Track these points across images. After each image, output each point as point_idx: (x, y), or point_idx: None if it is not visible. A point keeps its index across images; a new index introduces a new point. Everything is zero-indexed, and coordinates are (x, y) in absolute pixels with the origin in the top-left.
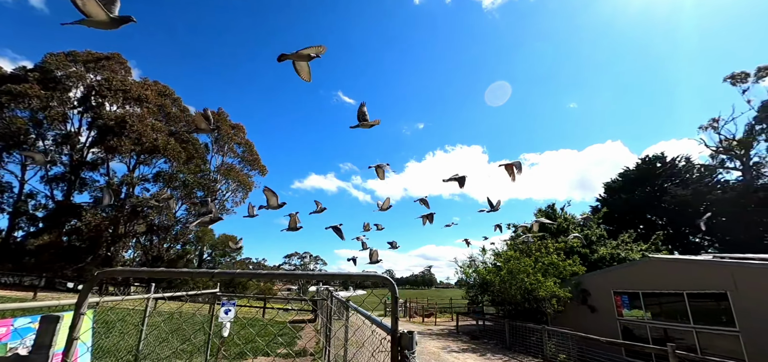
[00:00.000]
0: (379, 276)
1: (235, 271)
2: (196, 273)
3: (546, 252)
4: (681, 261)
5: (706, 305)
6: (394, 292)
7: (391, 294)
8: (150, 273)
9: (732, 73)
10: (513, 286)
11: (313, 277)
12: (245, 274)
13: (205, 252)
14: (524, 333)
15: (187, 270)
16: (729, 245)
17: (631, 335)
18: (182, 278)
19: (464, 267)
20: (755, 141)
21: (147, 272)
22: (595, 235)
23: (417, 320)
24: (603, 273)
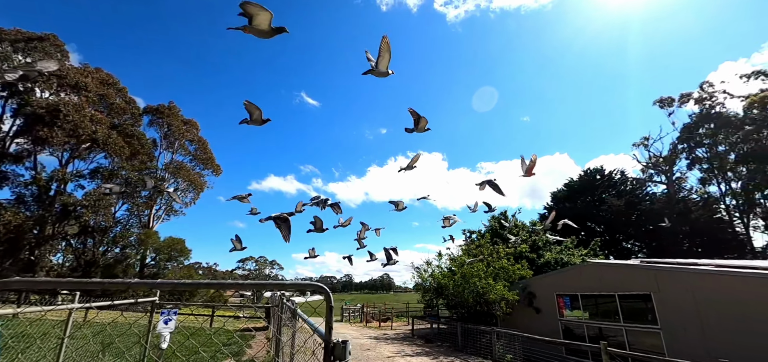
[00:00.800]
0: (315, 285)
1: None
2: (110, 284)
3: (497, 257)
4: (613, 265)
5: (634, 305)
6: (328, 300)
7: (325, 302)
8: (55, 284)
9: (660, 98)
10: (466, 290)
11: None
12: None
13: (149, 256)
14: (476, 335)
15: (98, 281)
16: (654, 251)
17: (572, 334)
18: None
19: (421, 272)
20: (678, 158)
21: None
22: (541, 241)
23: (374, 325)
24: (547, 277)
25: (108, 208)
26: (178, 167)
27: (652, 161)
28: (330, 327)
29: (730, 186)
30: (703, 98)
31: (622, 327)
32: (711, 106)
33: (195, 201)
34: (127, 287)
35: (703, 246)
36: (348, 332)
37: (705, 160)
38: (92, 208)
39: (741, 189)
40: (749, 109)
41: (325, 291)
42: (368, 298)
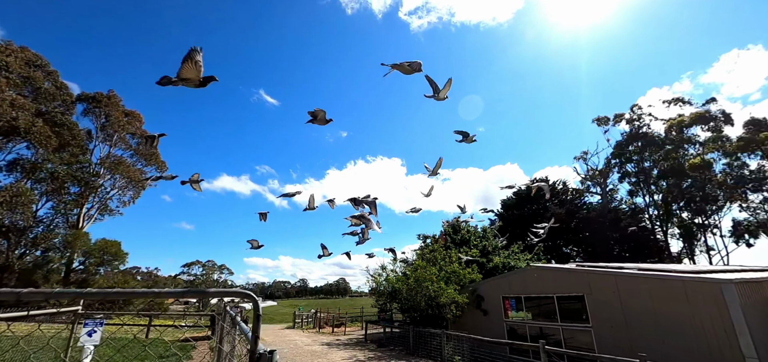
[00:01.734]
0: (241, 291)
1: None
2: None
3: (449, 261)
4: (553, 269)
5: (570, 305)
6: (256, 308)
7: (253, 310)
8: None
9: (597, 117)
10: (418, 294)
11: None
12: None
13: (77, 260)
14: (427, 337)
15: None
16: (590, 255)
17: (515, 334)
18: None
19: (375, 276)
20: (611, 172)
21: None
22: (491, 246)
23: (327, 330)
24: (494, 280)
25: (27, 206)
26: (116, 162)
27: (589, 174)
28: (256, 336)
29: (652, 198)
30: (632, 119)
31: (559, 326)
32: (639, 126)
33: (135, 200)
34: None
35: (630, 250)
36: (300, 338)
37: (633, 175)
38: (7, 205)
39: (661, 201)
40: (669, 131)
41: (251, 297)
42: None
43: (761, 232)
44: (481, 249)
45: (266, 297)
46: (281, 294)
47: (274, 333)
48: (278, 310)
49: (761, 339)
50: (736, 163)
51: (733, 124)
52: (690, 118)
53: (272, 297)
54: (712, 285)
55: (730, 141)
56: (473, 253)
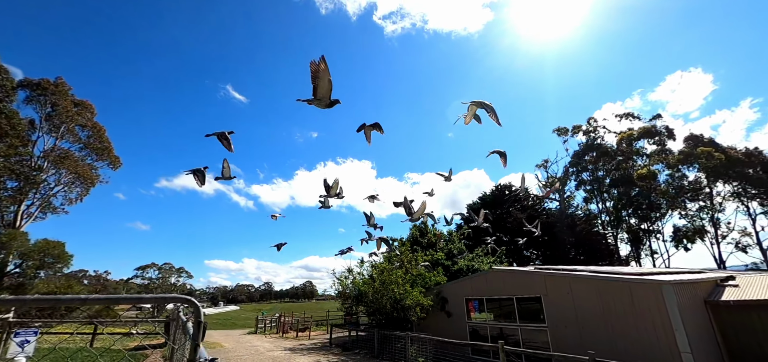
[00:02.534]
0: (179, 296)
1: None
2: None
3: (415, 264)
4: (513, 271)
5: (529, 306)
6: (197, 314)
7: (194, 317)
8: None
9: (558, 127)
10: (384, 296)
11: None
12: None
13: (12, 262)
14: (391, 340)
15: None
16: (548, 258)
17: (477, 335)
18: None
19: (342, 279)
20: (568, 180)
21: None
22: (456, 249)
23: (291, 335)
24: (458, 283)
25: None
26: (62, 156)
27: (549, 181)
28: (196, 343)
29: (605, 205)
30: (589, 131)
31: (518, 326)
32: (594, 137)
33: (82, 197)
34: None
35: (584, 254)
36: (262, 344)
37: (588, 183)
38: None
39: (612, 208)
40: (620, 143)
41: (191, 302)
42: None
43: (697, 237)
44: (447, 252)
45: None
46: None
47: (235, 339)
48: (240, 315)
49: (695, 335)
50: (677, 174)
51: (675, 139)
52: (638, 132)
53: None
54: (653, 286)
55: (673, 154)
56: (439, 256)
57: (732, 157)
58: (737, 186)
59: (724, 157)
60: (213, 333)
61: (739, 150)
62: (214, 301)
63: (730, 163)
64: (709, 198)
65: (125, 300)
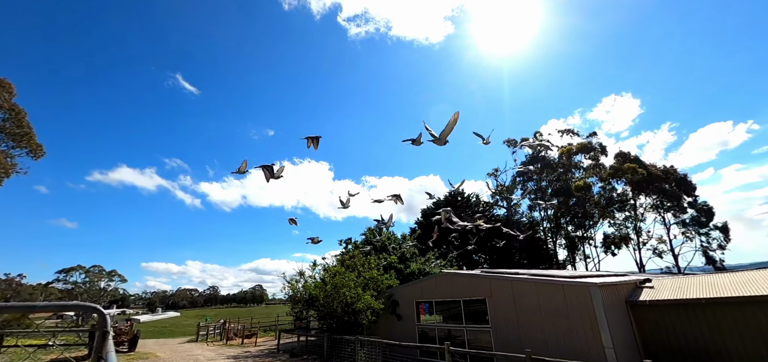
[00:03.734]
0: (82, 304)
1: None
2: None
3: (368, 267)
4: (461, 274)
5: (475, 308)
6: (102, 323)
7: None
8: None
9: (507, 139)
10: (335, 300)
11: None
12: None
13: None
14: (341, 345)
15: None
16: (495, 262)
17: (426, 337)
18: None
19: (292, 282)
20: (515, 189)
21: None
22: (409, 253)
23: (235, 342)
24: (409, 286)
25: None
26: None
27: (498, 189)
28: (99, 356)
29: (546, 213)
30: (534, 144)
31: (464, 328)
32: (539, 150)
33: None
34: None
35: (528, 258)
36: (202, 353)
37: (532, 192)
38: None
39: (553, 216)
40: (561, 157)
41: (96, 310)
42: (236, 312)
43: (623, 244)
44: (400, 255)
45: (168, 308)
46: (186, 303)
47: (172, 348)
48: (181, 322)
49: (617, 331)
50: (608, 187)
51: (607, 155)
52: (577, 147)
53: (175, 307)
54: (583, 288)
55: (605, 168)
56: (391, 259)
57: (652, 173)
58: (656, 199)
59: (646, 173)
60: (147, 343)
61: (658, 167)
62: (151, 307)
63: (651, 179)
64: (634, 209)
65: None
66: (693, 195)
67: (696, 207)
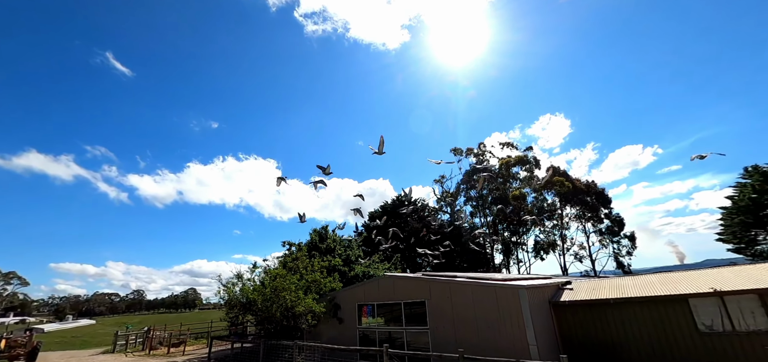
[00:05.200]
0: None
1: None
2: None
3: (312, 269)
4: (403, 277)
5: (415, 310)
6: None
7: None
8: None
9: (454, 148)
10: (275, 304)
11: None
12: None
13: None
14: (279, 350)
15: None
16: (437, 265)
17: (367, 340)
18: None
19: (229, 286)
20: (459, 196)
21: None
22: (354, 255)
23: (160, 352)
24: (351, 289)
25: None
26: None
27: (443, 195)
28: None
29: (486, 219)
30: (478, 154)
31: (404, 330)
32: (482, 160)
33: None
34: None
35: (468, 261)
36: None
37: (474, 199)
38: None
39: (492, 222)
40: (501, 167)
41: None
42: (163, 319)
43: (551, 249)
44: (345, 258)
45: (81, 315)
46: (104, 309)
47: (83, 361)
48: (97, 330)
49: (540, 329)
50: (540, 197)
51: (541, 168)
52: (515, 160)
53: (90, 314)
54: (513, 290)
55: (538, 180)
56: (336, 261)
57: (577, 186)
58: (579, 210)
59: (572, 186)
60: (50, 357)
61: (582, 182)
62: (60, 315)
63: (576, 191)
64: (560, 218)
65: None
66: (609, 207)
67: (611, 219)
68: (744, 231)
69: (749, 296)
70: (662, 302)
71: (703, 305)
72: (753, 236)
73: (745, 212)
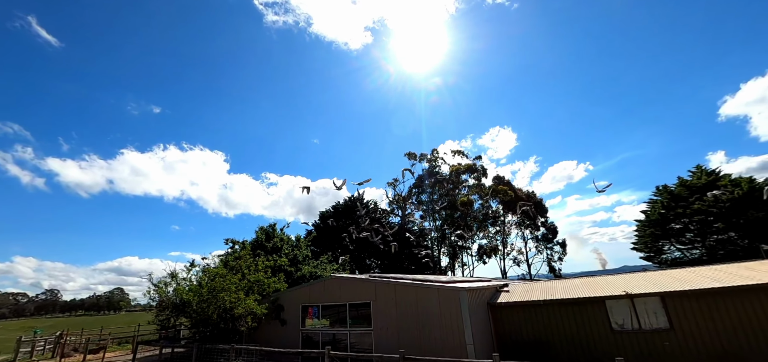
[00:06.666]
0: None
1: None
2: None
3: (255, 269)
4: (349, 279)
5: (360, 312)
6: None
7: None
8: None
9: (408, 152)
10: (212, 305)
11: None
12: None
13: None
14: (214, 354)
15: None
16: (386, 267)
17: (311, 342)
18: None
19: (160, 285)
20: (410, 199)
21: None
22: (302, 255)
23: (75, 359)
24: (296, 290)
25: None
26: None
27: (395, 199)
28: None
29: (435, 224)
30: (431, 160)
31: (348, 331)
32: (434, 166)
33: None
34: None
35: (415, 264)
36: None
37: (425, 204)
38: None
39: (440, 227)
40: (451, 174)
41: None
42: (81, 322)
43: (493, 254)
44: (292, 258)
45: None
46: (7, 312)
47: None
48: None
49: (477, 329)
50: (486, 204)
51: (487, 177)
52: (464, 168)
53: None
54: (454, 292)
55: (485, 188)
56: (282, 261)
57: (519, 195)
58: (520, 218)
59: (514, 195)
60: None
61: (523, 191)
62: None
63: (517, 200)
64: (503, 225)
65: None
66: (545, 216)
67: (546, 226)
68: (653, 242)
69: (654, 298)
70: (584, 303)
71: (617, 306)
72: (660, 246)
73: (655, 225)
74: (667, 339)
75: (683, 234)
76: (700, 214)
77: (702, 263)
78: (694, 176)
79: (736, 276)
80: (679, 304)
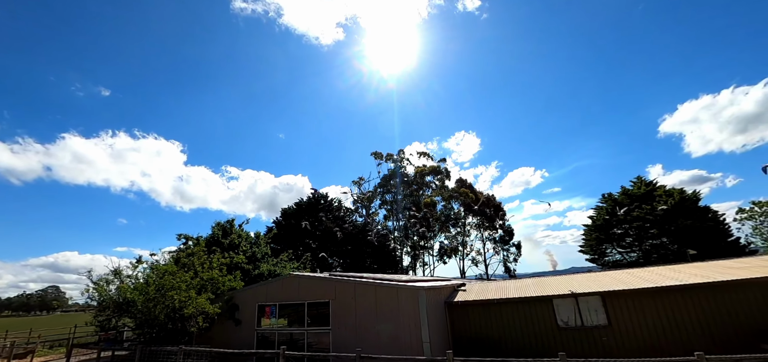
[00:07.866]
0: None
1: None
2: None
3: (210, 266)
4: (308, 277)
5: (319, 311)
6: None
7: None
8: None
9: (375, 152)
10: (159, 305)
11: None
12: None
13: None
14: (161, 357)
15: None
16: (349, 266)
17: (266, 342)
18: None
19: (100, 284)
20: (375, 199)
21: None
22: (261, 253)
23: None
24: (252, 288)
25: None
26: None
27: (360, 197)
28: None
29: (399, 224)
30: (397, 160)
31: (305, 330)
32: (400, 167)
33: None
34: None
35: (379, 263)
36: None
37: (389, 204)
38: None
39: (403, 226)
40: (416, 175)
41: None
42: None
43: (453, 254)
44: (250, 255)
45: None
46: None
47: None
48: None
49: (434, 328)
50: (448, 206)
51: (451, 179)
52: (429, 169)
53: None
54: (413, 291)
55: (448, 190)
56: (238, 259)
57: (480, 198)
58: (479, 219)
59: (475, 198)
60: None
61: (484, 194)
62: None
63: (477, 203)
64: (463, 226)
65: None
66: (503, 219)
67: (504, 229)
68: (598, 245)
69: (595, 297)
70: (533, 302)
71: (563, 304)
72: (604, 249)
73: (600, 230)
74: (606, 335)
75: (623, 239)
76: (639, 221)
77: (638, 265)
78: (635, 186)
79: (664, 278)
80: (617, 303)
